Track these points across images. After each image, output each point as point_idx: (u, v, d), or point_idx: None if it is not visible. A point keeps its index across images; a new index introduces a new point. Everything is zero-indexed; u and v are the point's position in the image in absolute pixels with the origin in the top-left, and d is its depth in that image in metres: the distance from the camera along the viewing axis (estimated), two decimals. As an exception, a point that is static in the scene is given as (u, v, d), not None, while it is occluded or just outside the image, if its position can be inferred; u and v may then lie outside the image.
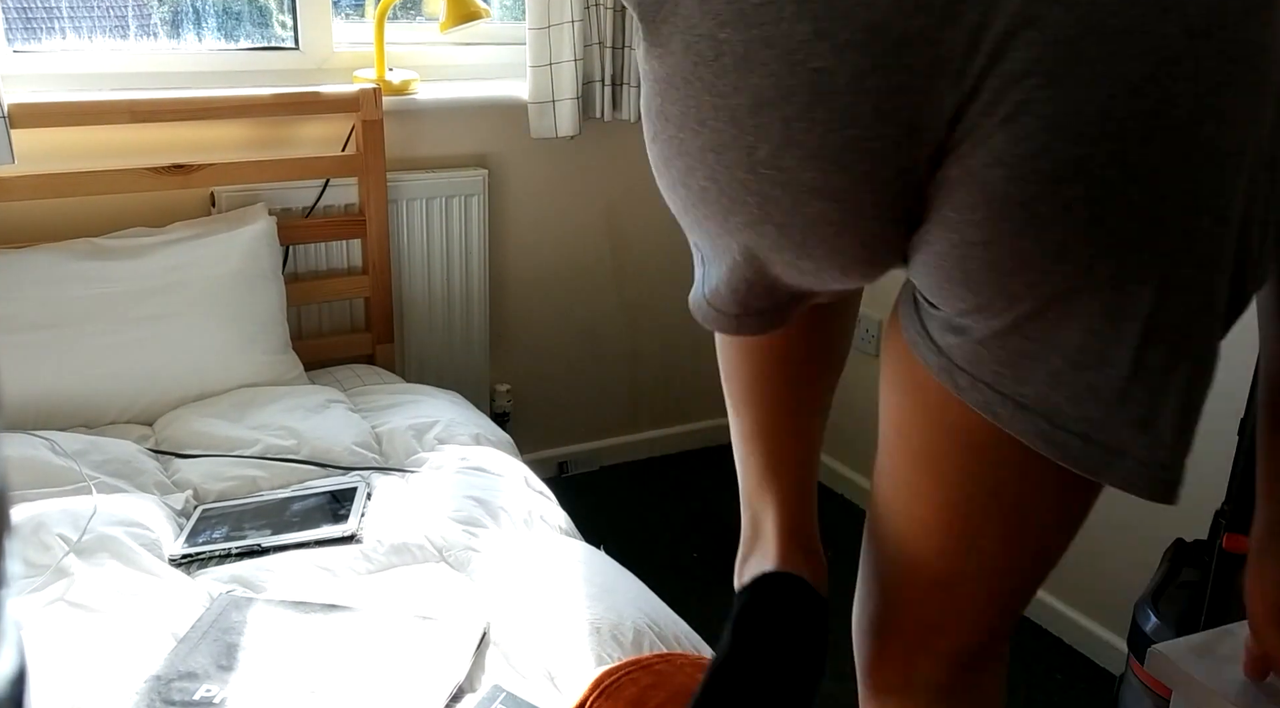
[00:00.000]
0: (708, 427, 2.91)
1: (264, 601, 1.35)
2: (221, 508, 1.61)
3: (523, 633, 1.31)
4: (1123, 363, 0.69)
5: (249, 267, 2.00)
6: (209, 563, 1.48)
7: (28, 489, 1.53)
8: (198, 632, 1.28)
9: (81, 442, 1.69)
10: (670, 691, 1.21)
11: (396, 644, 1.27)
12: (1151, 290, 0.67)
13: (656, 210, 2.65)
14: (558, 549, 1.54)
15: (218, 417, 1.84)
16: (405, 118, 2.27)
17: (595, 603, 1.36)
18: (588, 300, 2.63)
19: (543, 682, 1.25)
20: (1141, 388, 0.70)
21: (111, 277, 1.90)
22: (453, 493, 1.65)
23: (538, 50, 2.28)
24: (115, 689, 1.18)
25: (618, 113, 2.43)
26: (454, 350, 2.42)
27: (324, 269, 2.23)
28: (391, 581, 1.44)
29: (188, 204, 2.10)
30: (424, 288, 2.35)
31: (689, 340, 2.82)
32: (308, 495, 1.64)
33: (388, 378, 2.17)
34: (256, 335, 1.99)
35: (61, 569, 1.37)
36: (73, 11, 2.07)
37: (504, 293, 2.51)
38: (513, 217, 2.47)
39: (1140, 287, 0.67)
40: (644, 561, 1.71)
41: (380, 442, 1.85)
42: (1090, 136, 0.63)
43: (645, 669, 1.25)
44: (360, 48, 2.29)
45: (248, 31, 2.24)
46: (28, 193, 1.92)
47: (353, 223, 2.21)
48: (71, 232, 1.98)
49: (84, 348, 1.84)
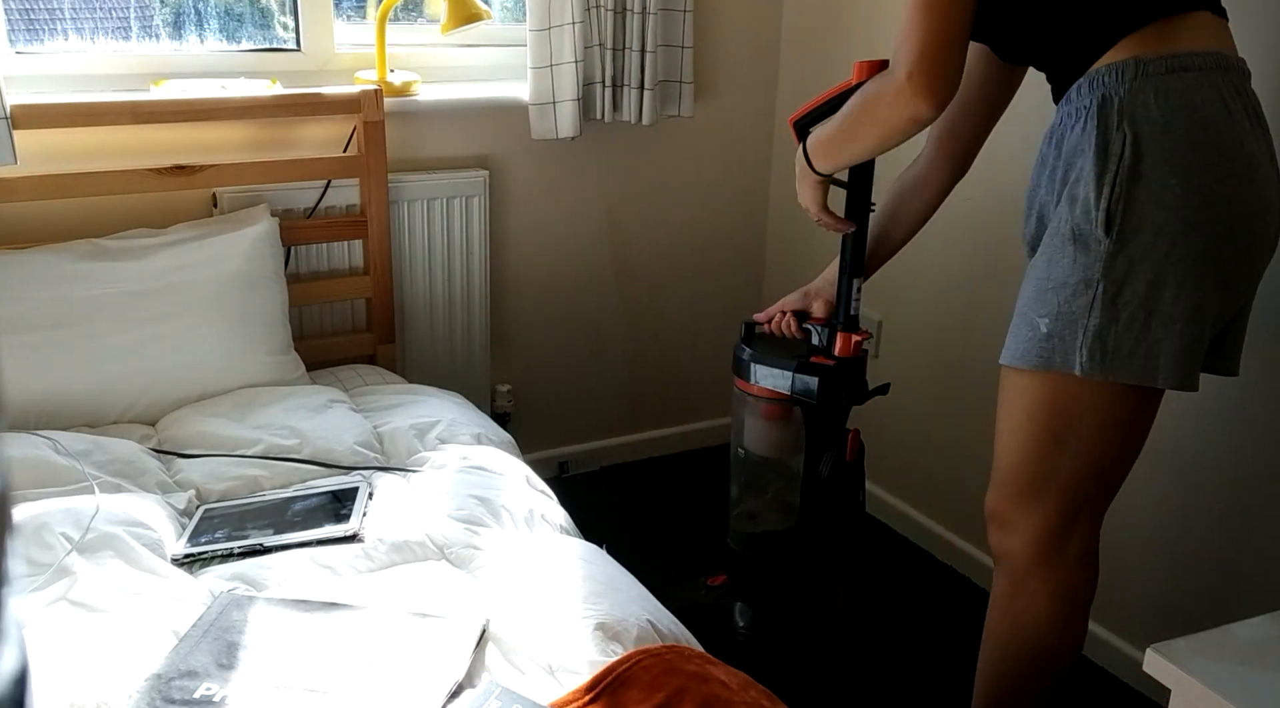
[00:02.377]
0: (708, 427, 2.92)
1: (265, 599, 1.36)
2: (224, 508, 1.62)
3: (523, 630, 1.32)
4: None
5: (251, 267, 2.01)
6: (211, 563, 1.49)
7: (30, 489, 1.54)
8: (199, 630, 1.28)
9: (84, 442, 1.69)
10: (682, 679, 1.21)
11: (396, 642, 1.28)
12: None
13: (656, 211, 2.65)
14: (559, 548, 1.54)
15: (220, 417, 1.85)
16: (406, 119, 2.27)
17: (596, 601, 1.37)
18: (588, 301, 2.64)
19: (542, 678, 1.25)
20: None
21: (114, 277, 1.91)
22: (454, 492, 1.65)
23: (538, 52, 2.29)
24: (116, 688, 1.18)
25: (618, 114, 2.43)
26: (455, 350, 2.42)
27: (326, 270, 2.24)
28: (393, 579, 1.45)
29: (190, 205, 2.11)
30: (425, 288, 2.35)
31: (689, 340, 2.82)
32: (310, 495, 1.64)
33: (389, 378, 2.17)
34: (259, 336, 1.99)
35: (64, 568, 1.37)
36: (75, 13, 2.08)
37: (505, 293, 2.52)
38: (513, 217, 2.47)
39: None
40: (644, 560, 1.72)
41: (382, 441, 1.86)
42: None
43: (656, 658, 1.25)
44: (362, 49, 2.30)
45: (249, 33, 2.25)
46: (30, 194, 1.93)
47: (354, 224, 2.21)
48: (74, 232, 1.98)
49: (87, 348, 1.85)
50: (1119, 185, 1.26)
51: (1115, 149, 1.26)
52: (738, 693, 1.22)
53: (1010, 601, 1.49)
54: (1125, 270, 1.27)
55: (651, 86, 2.38)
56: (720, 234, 2.77)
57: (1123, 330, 1.29)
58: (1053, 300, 1.33)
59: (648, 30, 2.35)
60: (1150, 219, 1.25)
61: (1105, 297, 1.28)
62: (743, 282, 2.85)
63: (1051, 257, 1.33)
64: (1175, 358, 1.29)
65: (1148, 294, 1.27)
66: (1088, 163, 1.28)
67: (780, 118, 2.72)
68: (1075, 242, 1.30)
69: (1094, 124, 1.28)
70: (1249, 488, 1.79)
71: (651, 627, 1.34)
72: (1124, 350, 1.29)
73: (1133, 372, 1.30)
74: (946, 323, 2.34)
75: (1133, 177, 1.25)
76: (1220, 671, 1.12)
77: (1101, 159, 1.27)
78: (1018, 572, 1.46)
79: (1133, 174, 1.25)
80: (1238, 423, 1.79)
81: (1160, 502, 1.94)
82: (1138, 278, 1.27)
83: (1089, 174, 1.28)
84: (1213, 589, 1.87)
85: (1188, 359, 1.30)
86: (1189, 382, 1.31)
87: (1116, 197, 1.26)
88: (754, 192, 2.78)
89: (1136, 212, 1.26)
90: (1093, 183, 1.27)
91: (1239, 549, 1.82)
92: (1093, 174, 1.27)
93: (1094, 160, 1.27)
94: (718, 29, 2.58)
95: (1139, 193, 1.25)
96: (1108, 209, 1.26)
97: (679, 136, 2.61)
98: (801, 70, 2.64)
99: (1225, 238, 1.27)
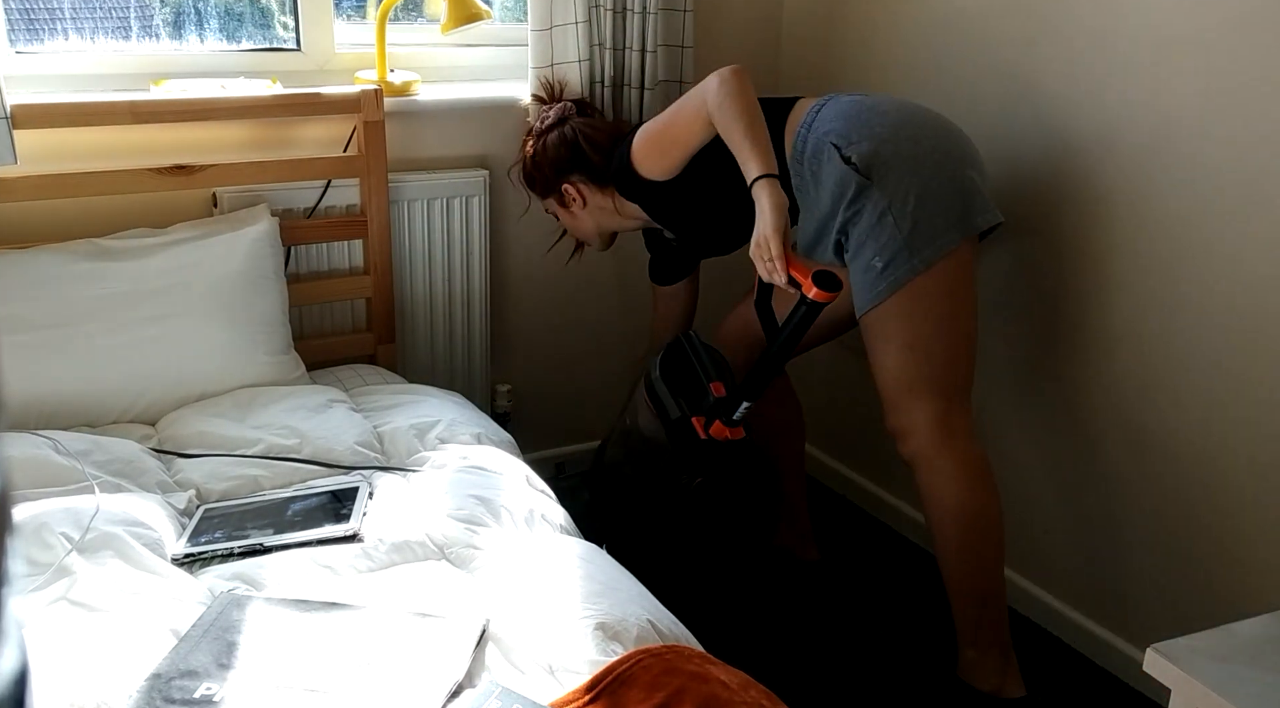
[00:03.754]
0: (709, 427, 2.91)
1: (265, 599, 1.36)
2: (224, 508, 1.62)
3: (523, 630, 1.32)
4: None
5: (251, 267, 2.01)
6: (211, 562, 1.49)
7: (30, 489, 1.54)
8: (199, 630, 1.28)
9: (84, 441, 1.69)
10: (682, 679, 1.21)
11: (396, 642, 1.28)
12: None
13: (657, 211, 2.65)
14: (559, 547, 1.54)
15: (220, 416, 1.85)
16: (407, 119, 2.27)
17: (596, 601, 1.37)
18: (588, 301, 2.64)
19: (542, 678, 1.25)
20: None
21: (114, 277, 1.91)
22: (454, 492, 1.65)
23: (540, 52, 2.29)
24: (116, 688, 1.18)
25: (619, 114, 2.43)
26: (455, 350, 2.42)
27: (326, 270, 2.23)
28: (393, 578, 1.45)
29: (190, 205, 2.11)
30: (425, 288, 2.35)
31: (690, 341, 2.82)
32: (309, 495, 1.64)
33: (389, 378, 2.17)
34: (259, 336, 1.99)
35: (64, 568, 1.37)
36: (75, 12, 2.08)
37: (505, 293, 2.52)
38: (514, 217, 2.47)
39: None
40: (643, 561, 1.71)
41: (382, 441, 1.86)
42: None
43: (656, 658, 1.25)
44: (362, 49, 2.30)
45: (249, 33, 2.25)
46: (30, 193, 1.92)
47: (354, 223, 2.21)
48: (74, 232, 1.98)
49: (87, 348, 1.85)
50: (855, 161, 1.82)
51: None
52: (738, 693, 1.22)
53: (928, 485, 1.88)
54: (895, 186, 1.79)
55: (652, 86, 2.38)
56: (720, 234, 2.76)
57: (925, 222, 1.78)
58: (870, 245, 1.81)
59: (648, 30, 2.35)
60: (881, 153, 1.81)
61: (895, 211, 1.78)
62: (741, 280, 2.84)
63: (824, 216, 1.88)
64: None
65: (915, 188, 1.79)
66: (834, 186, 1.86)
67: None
68: (840, 192, 1.82)
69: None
70: (1248, 487, 1.79)
71: (651, 627, 1.34)
72: (937, 227, 1.79)
73: (952, 237, 1.79)
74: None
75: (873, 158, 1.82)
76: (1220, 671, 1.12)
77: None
78: (925, 457, 1.85)
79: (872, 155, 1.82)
80: (1237, 421, 1.79)
81: (1160, 501, 1.94)
82: (901, 180, 1.79)
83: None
84: (1213, 589, 1.87)
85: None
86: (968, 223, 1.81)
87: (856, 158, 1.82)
88: (754, 191, 2.78)
89: (876, 157, 1.81)
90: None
91: (1239, 549, 1.82)
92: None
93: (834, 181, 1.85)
94: (718, 29, 2.58)
95: (876, 152, 1.81)
96: (855, 163, 1.81)
97: (679, 136, 2.61)
98: (802, 70, 2.64)
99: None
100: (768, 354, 1.81)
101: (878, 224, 1.79)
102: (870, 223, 1.79)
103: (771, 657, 2.08)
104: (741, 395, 1.84)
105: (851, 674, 2.06)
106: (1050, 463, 2.14)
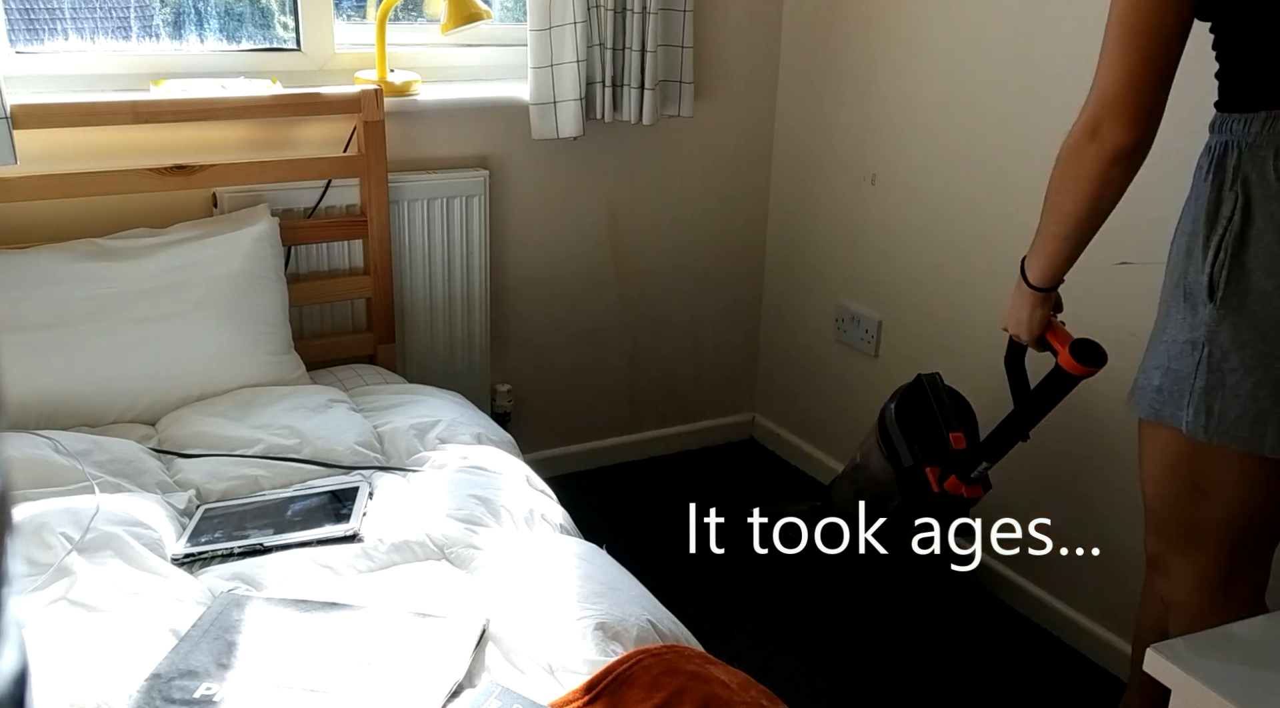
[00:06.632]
0: (708, 427, 2.92)
1: (265, 599, 1.36)
2: (224, 507, 1.62)
3: (523, 630, 1.32)
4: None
5: (251, 267, 2.01)
6: (211, 562, 1.49)
7: (30, 489, 1.54)
8: (199, 630, 1.28)
9: (84, 441, 1.69)
10: (682, 679, 1.21)
11: (396, 642, 1.28)
12: None
13: (657, 211, 2.65)
14: (559, 547, 1.54)
15: (220, 416, 1.85)
16: (407, 119, 2.27)
17: (596, 601, 1.37)
18: (588, 301, 2.64)
19: (542, 678, 1.25)
20: None
21: (114, 277, 1.91)
22: (454, 491, 1.65)
23: (539, 52, 2.29)
24: (116, 688, 1.18)
25: (619, 114, 2.43)
26: (455, 350, 2.42)
27: (326, 270, 2.23)
28: (393, 578, 1.45)
29: (190, 205, 2.11)
30: (425, 288, 2.35)
31: (689, 341, 2.82)
32: (309, 495, 1.64)
33: (389, 378, 2.17)
34: (259, 336, 1.99)
35: (64, 568, 1.37)
36: (75, 12, 2.08)
37: (505, 293, 2.52)
38: (514, 217, 2.47)
39: None
40: (643, 561, 1.72)
41: (382, 441, 1.86)
42: None
43: (656, 658, 1.25)
44: (362, 49, 2.30)
45: (249, 33, 2.25)
46: (30, 193, 1.92)
47: (354, 223, 2.21)
48: (74, 232, 1.98)
49: (87, 348, 1.85)
50: (1224, 251, 1.24)
51: (1225, 211, 1.24)
52: (738, 693, 1.22)
53: None
54: (1230, 338, 1.25)
55: (652, 86, 2.38)
56: (720, 234, 2.77)
57: (1229, 397, 1.27)
58: (1164, 355, 1.33)
59: (648, 30, 2.35)
60: (1257, 287, 1.23)
61: (1211, 362, 1.27)
62: (742, 281, 2.85)
63: (1167, 309, 1.34)
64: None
65: (1254, 363, 1.25)
66: (1200, 218, 1.27)
67: (780, 117, 2.72)
68: (1185, 298, 1.29)
69: (1212, 175, 1.26)
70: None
71: (651, 627, 1.34)
72: (1229, 417, 1.27)
73: (1239, 439, 1.28)
74: (946, 323, 2.34)
75: (1240, 241, 1.23)
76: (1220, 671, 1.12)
77: (1211, 220, 1.25)
78: (1189, 619, 1.42)
79: (1240, 239, 1.23)
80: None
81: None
82: (1244, 346, 1.25)
83: (1199, 232, 1.26)
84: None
85: None
86: None
87: (1221, 263, 1.24)
88: (754, 191, 2.78)
89: (1242, 278, 1.23)
90: (1200, 242, 1.26)
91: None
92: (1201, 235, 1.26)
93: (1204, 220, 1.26)
94: (718, 29, 2.58)
95: (1246, 259, 1.23)
96: (1211, 274, 1.25)
97: (679, 136, 2.61)
98: (801, 70, 2.64)
99: None
100: (1012, 418, 1.64)
101: (1189, 340, 1.31)
102: (1185, 326, 1.32)
103: (771, 657, 2.08)
104: (981, 456, 1.73)
105: (851, 674, 2.05)
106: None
